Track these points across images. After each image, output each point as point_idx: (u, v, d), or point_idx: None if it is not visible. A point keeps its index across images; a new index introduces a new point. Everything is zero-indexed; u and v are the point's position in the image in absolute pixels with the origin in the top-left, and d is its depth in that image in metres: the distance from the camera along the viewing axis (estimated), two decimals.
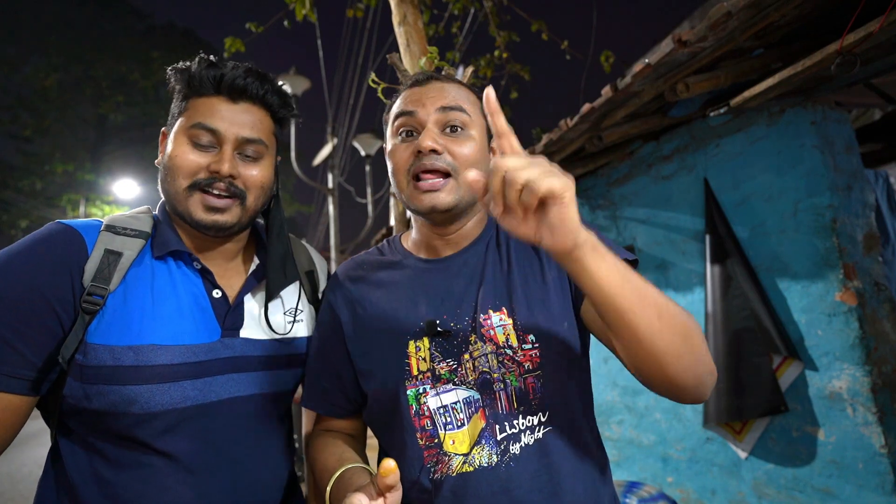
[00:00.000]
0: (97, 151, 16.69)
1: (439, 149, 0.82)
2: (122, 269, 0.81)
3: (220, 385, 0.85)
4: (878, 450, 1.80)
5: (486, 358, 0.80)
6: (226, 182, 0.85)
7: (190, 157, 0.85)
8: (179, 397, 0.80)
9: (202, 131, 0.85)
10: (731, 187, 2.34)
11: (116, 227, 0.85)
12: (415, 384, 0.81)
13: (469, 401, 0.79)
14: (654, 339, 0.65)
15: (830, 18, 1.76)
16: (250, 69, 0.89)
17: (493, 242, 0.91)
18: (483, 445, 0.77)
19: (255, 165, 0.89)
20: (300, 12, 2.69)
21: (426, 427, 0.80)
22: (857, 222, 1.99)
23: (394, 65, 1.71)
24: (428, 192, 0.83)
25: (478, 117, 0.88)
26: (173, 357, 0.81)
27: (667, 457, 2.74)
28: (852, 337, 1.88)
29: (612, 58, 3.57)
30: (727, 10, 1.61)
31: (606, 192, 3.16)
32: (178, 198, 0.86)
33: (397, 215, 2.49)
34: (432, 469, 0.78)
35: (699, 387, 0.70)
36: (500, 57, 3.58)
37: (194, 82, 0.87)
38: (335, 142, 8.96)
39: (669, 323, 0.65)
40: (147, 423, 0.78)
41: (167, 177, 0.87)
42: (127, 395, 0.76)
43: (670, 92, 2.08)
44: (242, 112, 0.88)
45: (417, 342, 0.82)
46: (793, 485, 2.08)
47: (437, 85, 0.88)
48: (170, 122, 0.91)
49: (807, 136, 2.03)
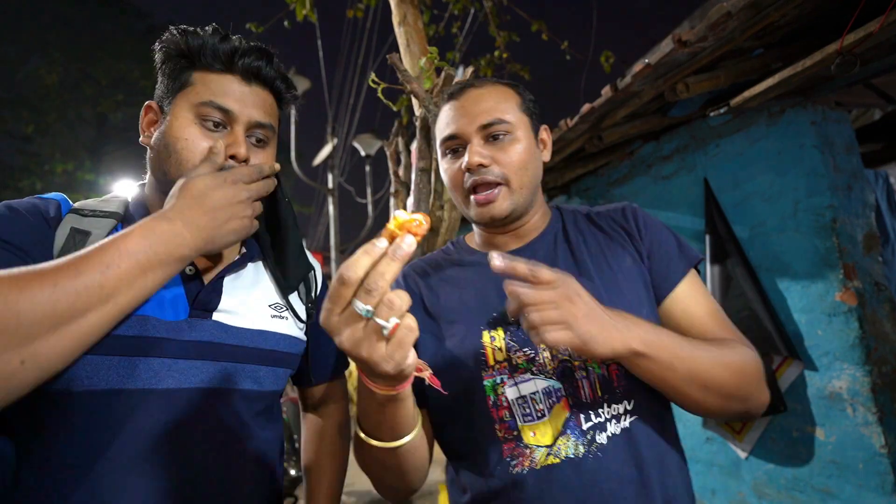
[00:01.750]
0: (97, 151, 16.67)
1: (486, 162, 0.84)
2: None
3: (182, 371, 0.73)
4: (878, 450, 1.80)
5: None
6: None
7: (202, 143, 0.77)
8: (128, 376, 0.69)
9: (214, 110, 0.78)
10: (731, 187, 2.34)
11: (84, 211, 0.78)
12: (492, 374, 0.79)
13: (549, 391, 0.78)
14: (697, 404, 0.74)
15: (830, 18, 1.76)
16: (261, 49, 0.83)
17: (560, 235, 0.92)
18: (568, 436, 0.75)
19: (262, 151, 0.84)
20: (300, 12, 2.69)
21: (504, 418, 0.78)
22: (857, 222, 1.99)
23: (394, 65, 1.71)
24: (483, 204, 0.85)
25: (519, 115, 0.88)
26: (127, 327, 0.69)
27: None
28: (852, 337, 1.88)
29: (612, 58, 3.57)
30: (727, 10, 1.61)
31: (606, 192, 3.16)
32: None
33: None
34: (513, 462, 0.76)
35: (743, 417, 0.82)
36: (500, 57, 3.58)
37: (205, 54, 0.79)
38: (335, 142, 8.96)
39: (715, 391, 0.72)
40: (88, 403, 0.67)
41: (168, 159, 0.77)
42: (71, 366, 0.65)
43: (670, 92, 2.08)
44: (254, 95, 0.82)
45: (492, 332, 0.81)
46: (793, 485, 2.08)
47: (473, 95, 0.88)
48: (164, 94, 0.81)
49: (807, 136, 2.03)
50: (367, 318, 0.51)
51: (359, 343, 0.52)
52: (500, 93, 0.89)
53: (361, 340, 0.52)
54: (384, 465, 0.73)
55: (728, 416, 0.78)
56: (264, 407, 0.85)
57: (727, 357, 0.74)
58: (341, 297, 0.52)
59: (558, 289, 0.63)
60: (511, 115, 0.87)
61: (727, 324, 0.83)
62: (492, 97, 0.88)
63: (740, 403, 0.75)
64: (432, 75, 1.72)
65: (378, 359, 0.52)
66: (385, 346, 0.52)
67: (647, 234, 0.89)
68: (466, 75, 1.66)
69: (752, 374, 0.75)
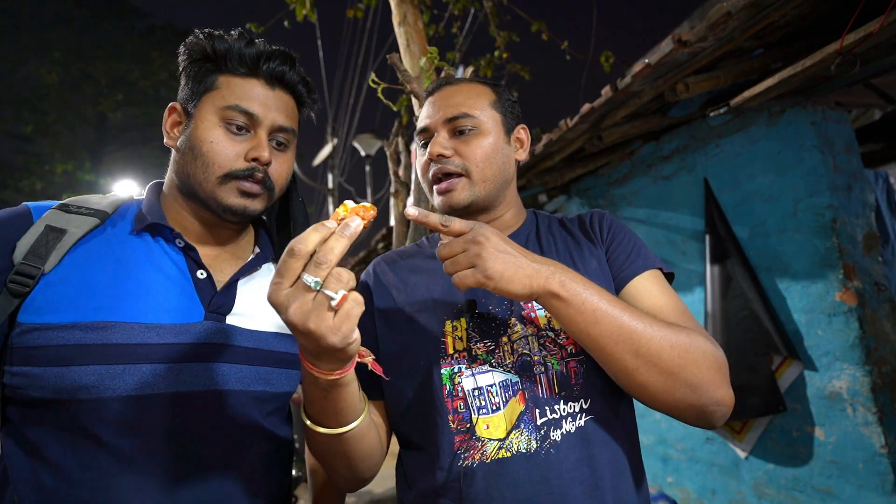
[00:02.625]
0: (97, 151, 16.66)
1: (447, 153, 0.87)
2: (63, 247, 0.73)
3: (195, 374, 0.74)
4: (878, 450, 1.80)
5: (526, 340, 0.80)
6: (262, 171, 0.81)
7: (228, 147, 0.79)
8: (136, 383, 0.69)
9: (239, 114, 0.79)
10: (731, 187, 2.34)
11: (70, 206, 0.78)
12: (450, 363, 0.80)
13: (506, 384, 0.78)
14: (630, 374, 0.70)
15: (830, 18, 1.76)
16: (285, 54, 0.84)
17: (533, 236, 0.93)
18: (521, 430, 0.75)
19: (283, 156, 0.86)
20: (300, 12, 2.69)
21: (459, 409, 0.78)
22: (857, 222, 1.99)
23: (394, 65, 1.71)
24: (443, 193, 0.88)
25: (489, 112, 0.91)
26: (131, 336, 0.70)
27: (667, 457, 2.74)
28: (852, 337, 1.88)
29: (612, 58, 3.57)
30: (727, 10, 1.61)
31: (606, 192, 3.16)
32: (205, 184, 0.79)
33: (397, 215, 2.49)
34: (463, 455, 0.75)
35: (701, 418, 0.72)
36: (500, 57, 3.58)
37: (231, 58, 0.81)
38: (335, 142, 8.96)
39: (649, 361, 0.68)
40: (97, 412, 0.68)
41: (194, 161, 0.79)
42: (73, 378, 0.67)
43: (670, 92, 2.08)
44: (277, 99, 0.84)
45: (454, 322, 0.83)
46: (793, 485, 2.08)
47: (446, 91, 0.93)
48: (189, 97, 0.82)
49: (807, 136, 2.03)
50: (316, 290, 0.53)
51: (307, 315, 0.53)
52: (471, 90, 0.92)
53: (309, 312, 0.53)
54: (332, 452, 0.74)
55: (679, 405, 0.70)
56: (276, 408, 0.85)
57: (672, 334, 0.70)
58: (291, 269, 0.54)
59: (467, 235, 0.67)
60: (479, 112, 0.89)
61: (688, 317, 0.79)
62: (462, 93, 0.91)
63: (689, 390, 0.69)
64: (432, 75, 1.72)
65: (325, 330, 0.54)
66: (332, 318, 0.54)
67: (608, 235, 0.90)
68: (466, 75, 1.66)
69: (703, 360, 0.70)
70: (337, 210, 0.59)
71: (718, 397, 0.71)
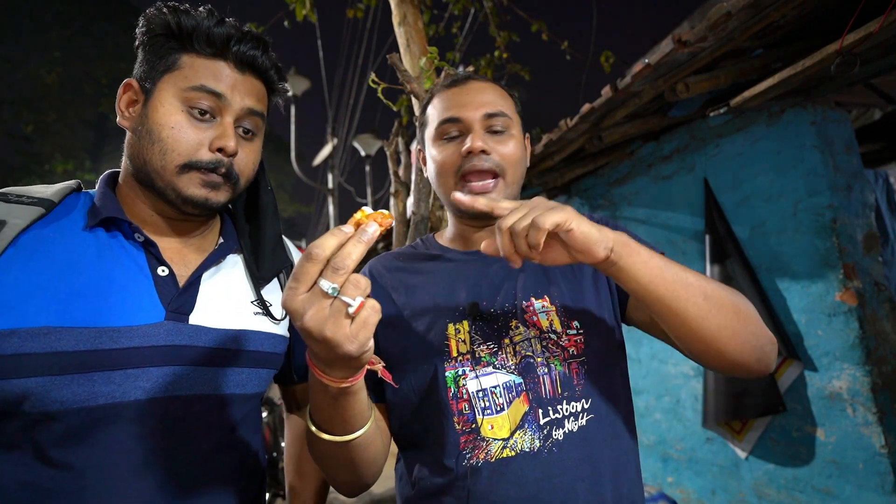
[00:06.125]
0: (97, 151, 16.67)
1: (489, 149, 0.85)
2: (1, 241, 0.65)
3: (155, 380, 0.68)
4: (878, 450, 1.80)
5: (528, 342, 0.80)
6: (227, 164, 0.75)
7: (190, 135, 0.72)
8: (86, 393, 0.64)
9: (205, 95, 0.73)
10: (731, 187, 2.34)
11: (9, 195, 0.70)
12: (454, 366, 0.80)
13: (509, 385, 0.78)
14: (704, 321, 0.68)
15: (830, 18, 1.76)
16: (257, 37, 0.79)
17: None
18: (525, 430, 0.76)
19: (250, 145, 0.80)
20: (300, 12, 2.70)
21: (464, 411, 0.78)
22: (857, 222, 1.99)
23: (394, 65, 1.71)
24: (480, 194, 0.85)
25: (515, 115, 0.92)
26: (80, 342, 0.64)
27: (667, 457, 2.74)
28: (852, 337, 1.88)
29: (612, 58, 3.58)
30: (727, 10, 1.61)
31: (606, 192, 3.16)
32: (163, 173, 0.72)
33: (397, 215, 2.49)
34: (468, 455, 0.76)
35: (761, 359, 0.73)
36: (500, 57, 3.58)
37: (198, 37, 0.74)
38: (335, 142, 8.97)
39: (717, 303, 0.68)
40: (41, 425, 0.62)
41: (151, 146, 0.72)
42: (13, 390, 0.61)
43: (670, 92, 2.08)
44: (247, 83, 0.78)
45: (457, 325, 0.83)
46: (793, 485, 2.08)
47: (476, 86, 0.91)
48: (148, 75, 0.75)
49: (807, 136, 2.03)
50: (333, 296, 0.51)
51: (323, 322, 0.51)
52: (500, 90, 0.93)
53: (326, 319, 0.51)
54: (337, 459, 0.72)
55: (745, 348, 0.70)
56: (247, 412, 0.81)
57: (719, 285, 0.72)
58: (308, 274, 0.52)
59: (527, 203, 0.65)
60: (511, 113, 0.90)
61: None
62: (494, 91, 0.91)
63: (751, 330, 0.70)
64: (432, 75, 1.73)
65: (342, 338, 0.52)
66: (350, 326, 0.52)
67: None
68: None
69: (746, 302, 0.73)
70: (354, 215, 0.57)
71: (770, 335, 0.74)
